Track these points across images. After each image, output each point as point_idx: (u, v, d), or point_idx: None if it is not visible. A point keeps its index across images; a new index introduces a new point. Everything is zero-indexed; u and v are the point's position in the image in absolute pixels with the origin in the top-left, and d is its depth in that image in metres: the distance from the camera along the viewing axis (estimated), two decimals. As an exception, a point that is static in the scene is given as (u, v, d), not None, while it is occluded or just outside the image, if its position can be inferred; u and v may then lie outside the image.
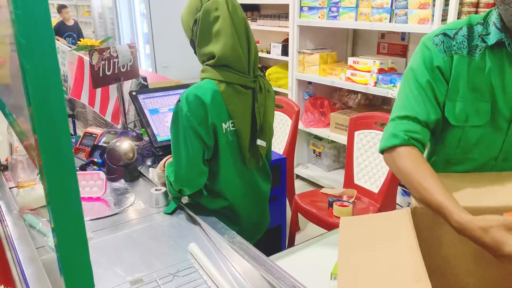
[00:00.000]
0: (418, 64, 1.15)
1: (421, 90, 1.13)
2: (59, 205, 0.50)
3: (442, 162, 1.23)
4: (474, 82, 1.10)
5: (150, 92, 2.04)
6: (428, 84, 1.12)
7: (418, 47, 1.18)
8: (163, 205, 1.55)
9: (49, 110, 0.46)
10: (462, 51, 1.11)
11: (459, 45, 1.11)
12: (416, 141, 1.09)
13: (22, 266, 1.17)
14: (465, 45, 1.11)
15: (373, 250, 0.91)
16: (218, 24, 1.37)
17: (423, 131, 1.11)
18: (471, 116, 1.11)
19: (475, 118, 1.11)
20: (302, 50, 3.47)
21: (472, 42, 1.11)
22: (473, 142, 1.14)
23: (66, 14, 7.23)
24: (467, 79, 1.10)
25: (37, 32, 0.44)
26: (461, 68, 1.11)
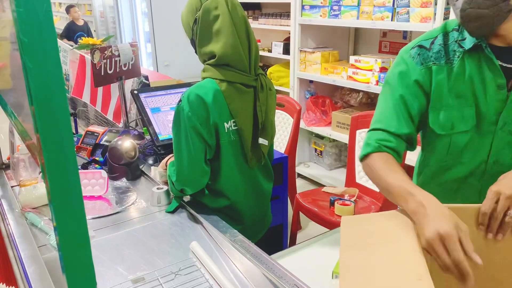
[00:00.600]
0: (393, 79, 1.16)
1: (394, 104, 1.14)
2: (61, 204, 0.50)
3: (435, 169, 1.23)
4: (456, 89, 1.10)
5: (152, 91, 2.04)
6: (401, 99, 1.13)
7: (395, 59, 1.19)
8: (165, 204, 1.55)
9: (52, 109, 0.46)
10: (439, 61, 1.11)
11: (436, 55, 1.11)
12: (388, 148, 1.12)
13: (24, 264, 1.17)
14: (442, 54, 1.11)
15: (375, 249, 0.91)
16: (218, 23, 1.37)
17: (396, 140, 1.13)
18: (457, 123, 1.11)
19: (461, 124, 1.11)
20: (303, 49, 3.47)
21: (449, 49, 1.11)
22: (461, 148, 1.14)
23: (75, 13, 7.19)
24: (449, 87, 1.10)
25: (39, 30, 0.44)
26: (441, 78, 1.11)
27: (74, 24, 7.11)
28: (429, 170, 1.25)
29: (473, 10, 0.97)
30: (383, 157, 1.11)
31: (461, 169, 1.17)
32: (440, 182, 1.21)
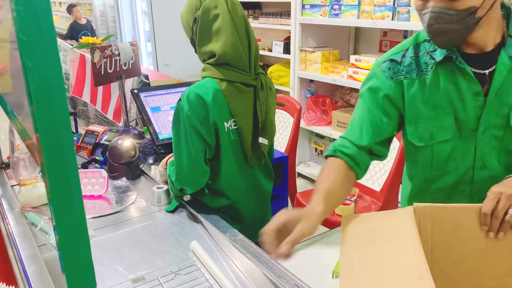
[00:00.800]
0: (365, 93, 1.17)
1: (361, 117, 1.16)
2: (61, 203, 0.50)
3: (422, 181, 1.22)
4: (432, 100, 1.09)
5: (152, 90, 2.04)
6: (368, 113, 1.15)
7: (369, 72, 1.19)
8: (165, 203, 1.55)
9: (51, 108, 0.46)
10: (411, 74, 1.10)
11: (407, 69, 1.11)
12: (343, 153, 1.13)
13: (24, 264, 1.17)
14: (414, 67, 1.10)
15: (376, 248, 0.91)
16: (218, 22, 1.37)
17: (354, 148, 1.14)
18: (437, 133, 1.11)
19: (441, 134, 1.11)
20: (304, 48, 3.47)
21: (421, 61, 1.10)
22: (445, 157, 1.13)
23: (78, 12, 7.17)
24: (424, 100, 1.10)
25: (38, 29, 0.43)
26: (414, 91, 1.10)
27: (77, 24, 7.09)
28: (416, 182, 1.25)
29: (440, 25, 0.97)
30: (332, 163, 1.14)
31: (449, 178, 1.16)
32: (431, 192, 1.20)
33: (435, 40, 1.02)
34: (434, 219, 0.99)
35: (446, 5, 0.94)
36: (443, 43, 1.01)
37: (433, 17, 0.96)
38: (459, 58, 1.04)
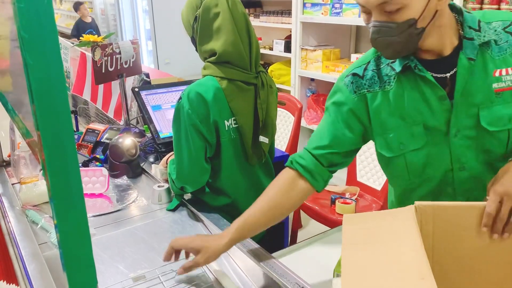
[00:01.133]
0: (330, 106, 1.18)
1: (322, 128, 1.18)
2: (62, 201, 0.50)
3: (404, 193, 1.21)
4: (399, 110, 1.09)
5: (153, 89, 2.04)
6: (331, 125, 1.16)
7: (333, 86, 1.20)
8: (166, 202, 1.55)
9: (52, 105, 0.46)
10: (373, 87, 1.11)
11: (369, 82, 1.12)
12: (298, 164, 1.17)
13: (24, 262, 1.17)
14: (376, 80, 1.11)
15: (377, 247, 0.91)
16: (218, 20, 1.37)
17: (310, 158, 1.16)
18: (407, 142, 1.10)
19: (412, 142, 1.10)
20: (305, 47, 3.46)
21: (382, 73, 1.11)
22: (421, 165, 1.13)
23: (85, 10, 7.13)
24: (390, 111, 1.10)
25: (39, 26, 0.43)
26: (378, 103, 1.11)
27: (83, 22, 7.06)
28: (398, 189, 1.25)
29: (383, 38, 0.98)
30: (282, 176, 1.19)
31: (430, 184, 1.15)
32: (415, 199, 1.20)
33: (383, 53, 1.03)
34: (436, 218, 0.99)
35: (386, 18, 0.96)
36: (389, 55, 1.03)
37: (376, 30, 0.98)
38: (418, 66, 1.05)
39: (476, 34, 1.01)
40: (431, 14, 0.97)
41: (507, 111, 1.02)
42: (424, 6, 0.94)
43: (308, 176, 1.16)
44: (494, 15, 1.05)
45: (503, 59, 1.01)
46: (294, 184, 1.16)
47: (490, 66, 1.02)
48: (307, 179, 1.16)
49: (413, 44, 0.99)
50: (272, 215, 1.16)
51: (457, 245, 0.99)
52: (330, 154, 1.16)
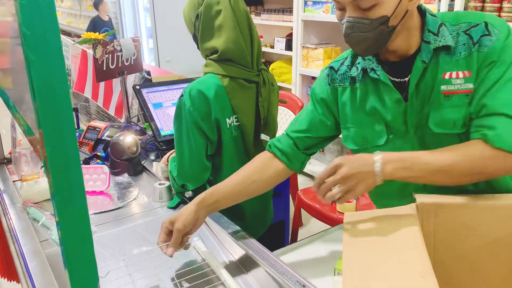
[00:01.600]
0: (311, 93, 1.26)
1: (300, 114, 1.27)
2: (63, 198, 0.50)
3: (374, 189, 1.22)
4: (363, 108, 1.14)
5: (154, 86, 2.03)
6: (307, 112, 1.25)
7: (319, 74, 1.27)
8: (167, 200, 1.55)
9: (54, 102, 0.46)
10: (344, 82, 1.17)
11: (341, 77, 1.17)
12: (275, 147, 1.26)
13: (25, 259, 1.17)
14: (348, 76, 1.16)
15: (378, 245, 0.91)
16: (220, 18, 1.37)
17: (286, 141, 1.25)
18: (371, 138, 1.15)
19: (375, 139, 1.15)
20: (306, 45, 3.46)
21: (351, 71, 1.15)
22: None
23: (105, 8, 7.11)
24: (356, 107, 1.15)
25: (41, 22, 0.43)
26: (346, 99, 1.17)
27: (100, 19, 7.04)
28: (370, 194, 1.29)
29: (356, 34, 1.00)
30: (259, 156, 1.28)
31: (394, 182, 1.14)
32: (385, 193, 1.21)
33: (355, 49, 1.06)
34: (437, 216, 0.99)
35: (360, 14, 0.98)
36: (362, 51, 1.05)
37: (349, 26, 1.00)
38: (375, 69, 1.09)
39: (433, 38, 1.03)
40: (402, 13, 0.99)
41: (453, 115, 1.04)
42: (396, 5, 0.97)
43: (283, 158, 1.24)
44: (465, 16, 1.05)
45: (456, 62, 1.02)
46: (270, 163, 1.25)
47: (441, 68, 1.04)
48: (282, 161, 1.24)
49: (383, 42, 1.02)
50: (244, 188, 1.22)
51: (458, 243, 0.99)
52: (307, 138, 1.24)
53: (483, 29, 1.00)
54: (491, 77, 0.99)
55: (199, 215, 1.16)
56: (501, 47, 0.98)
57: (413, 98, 1.07)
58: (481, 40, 0.99)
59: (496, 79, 0.98)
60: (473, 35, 1.01)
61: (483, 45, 0.99)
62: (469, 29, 1.01)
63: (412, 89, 1.06)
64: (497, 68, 0.98)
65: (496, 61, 0.98)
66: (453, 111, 1.04)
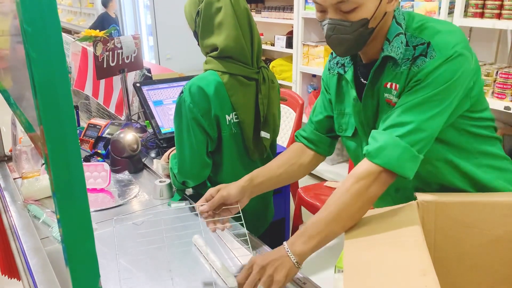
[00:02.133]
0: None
1: (318, 98, 1.33)
2: (65, 195, 0.50)
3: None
4: (341, 98, 1.20)
5: (154, 84, 2.03)
6: (322, 94, 1.30)
7: None
8: (167, 197, 1.55)
9: (56, 100, 0.46)
10: (335, 70, 1.20)
11: (335, 65, 1.21)
12: (301, 137, 1.33)
13: (26, 256, 1.17)
14: (340, 64, 1.19)
15: (379, 243, 0.91)
16: (221, 15, 1.37)
17: (309, 129, 1.32)
18: (344, 127, 1.21)
19: (346, 129, 1.21)
20: (306, 43, 3.45)
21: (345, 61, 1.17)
22: (353, 154, 1.23)
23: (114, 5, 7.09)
24: (337, 95, 1.21)
25: (42, 19, 0.43)
26: (333, 85, 1.22)
27: (109, 16, 7.03)
28: None
29: (337, 36, 1.01)
30: (290, 147, 1.34)
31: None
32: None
33: (335, 50, 1.07)
34: (438, 214, 0.99)
35: (341, 17, 0.99)
36: (341, 52, 1.07)
37: (330, 28, 1.01)
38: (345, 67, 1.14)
39: (386, 46, 1.04)
40: (381, 15, 1.01)
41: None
42: (376, 7, 0.98)
43: (311, 145, 1.30)
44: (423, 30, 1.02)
45: (395, 74, 1.03)
46: (301, 152, 1.31)
47: (385, 77, 1.05)
48: (310, 148, 1.30)
49: (362, 44, 1.04)
50: (285, 171, 1.28)
51: (459, 241, 0.99)
52: (324, 121, 1.28)
53: (424, 49, 0.99)
54: (409, 96, 0.99)
55: (245, 193, 1.20)
56: (430, 70, 0.97)
57: (368, 99, 1.10)
58: (417, 59, 0.99)
59: (411, 99, 0.99)
60: (416, 52, 1.01)
61: (415, 64, 0.99)
62: (417, 45, 1.01)
63: (365, 91, 1.09)
64: (419, 90, 0.98)
65: (420, 80, 0.98)
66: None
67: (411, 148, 0.96)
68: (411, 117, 0.97)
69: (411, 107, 0.98)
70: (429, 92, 0.97)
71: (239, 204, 1.19)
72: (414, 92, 0.99)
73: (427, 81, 0.97)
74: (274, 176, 1.27)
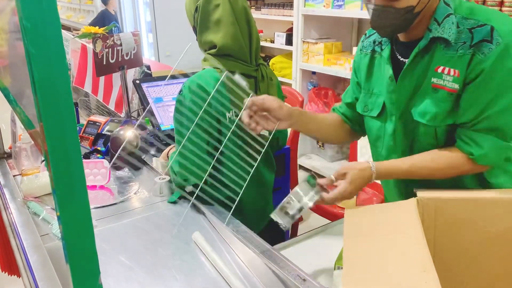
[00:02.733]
0: None
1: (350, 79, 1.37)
2: (64, 192, 0.50)
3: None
4: (371, 77, 1.22)
5: (154, 81, 2.03)
6: (352, 75, 1.35)
7: None
8: (167, 194, 1.55)
9: (55, 96, 0.46)
10: (367, 49, 1.23)
11: (368, 45, 1.24)
12: (337, 110, 1.40)
13: (26, 253, 1.17)
14: (372, 44, 1.22)
15: (379, 240, 0.91)
16: (218, 12, 1.36)
17: (344, 106, 1.38)
18: (369, 107, 1.23)
19: (372, 109, 1.22)
20: (306, 40, 3.45)
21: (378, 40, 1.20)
22: (374, 135, 1.25)
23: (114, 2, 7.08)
24: (368, 75, 1.23)
25: (42, 14, 0.43)
26: (364, 64, 1.24)
27: (109, 13, 7.01)
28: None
29: (381, 21, 1.04)
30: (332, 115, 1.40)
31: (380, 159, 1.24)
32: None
33: (379, 32, 1.10)
34: (437, 211, 0.99)
35: (387, 3, 1.00)
36: (386, 34, 1.09)
37: (375, 14, 1.03)
38: (382, 45, 1.16)
39: (435, 27, 1.04)
40: (426, 1, 1.01)
41: (434, 109, 1.07)
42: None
43: (347, 120, 1.37)
44: (477, 12, 1.03)
45: (450, 58, 1.03)
46: (341, 124, 1.37)
47: (436, 61, 1.05)
48: (347, 123, 1.37)
49: (407, 27, 1.05)
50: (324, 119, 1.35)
51: (458, 238, 1.00)
52: (356, 101, 1.30)
53: (487, 33, 0.97)
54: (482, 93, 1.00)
55: (291, 116, 1.21)
56: (496, 57, 0.96)
57: (405, 79, 1.10)
58: (481, 45, 0.98)
59: (490, 98, 1.00)
60: (475, 35, 0.99)
61: (480, 51, 0.98)
62: (474, 28, 1.00)
63: (404, 71, 1.09)
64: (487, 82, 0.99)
65: (484, 70, 0.98)
66: (436, 105, 1.06)
67: (508, 144, 1.03)
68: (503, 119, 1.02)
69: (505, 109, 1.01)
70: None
71: (279, 123, 1.20)
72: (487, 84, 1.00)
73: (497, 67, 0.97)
74: (317, 122, 1.31)
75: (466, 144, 1.06)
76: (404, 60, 1.11)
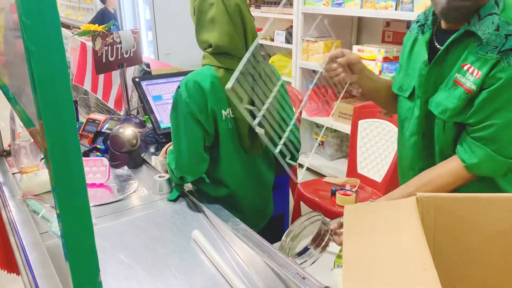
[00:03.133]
0: None
1: None
2: (64, 190, 0.50)
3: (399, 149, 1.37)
4: (411, 58, 1.23)
5: (153, 79, 2.03)
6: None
7: None
8: (167, 192, 1.55)
9: (55, 94, 0.45)
10: (414, 30, 1.24)
11: (415, 25, 1.23)
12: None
13: (25, 251, 1.17)
14: (419, 25, 1.22)
15: (378, 238, 0.91)
16: (212, 11, 1.37)
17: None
18: (405, 88, 1.25)
19: (406, 90, 1.24)
20: (306, 38, 3.44)
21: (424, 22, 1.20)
22: (403, 115, 1.27)
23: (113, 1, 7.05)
24: (409, 55, 1.24)
25: (41, 11, 0.42)
26: (408, 45, 1.25)
27: (108, 11, 6.99)
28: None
29: (458, 2, 1.02)
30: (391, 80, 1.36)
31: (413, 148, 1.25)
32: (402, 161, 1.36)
33: (448, 17, 1.08)
34: (437, 209, 0.99)
35: None
36: (453, 18, 1.08)
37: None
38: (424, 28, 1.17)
39: (474, 21, 1.04)
40: None
41: (448, 104, 1.08)
42: None
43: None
44: None
45: (479, 58, 1.03)
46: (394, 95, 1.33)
47: (465, 57, 1.06)
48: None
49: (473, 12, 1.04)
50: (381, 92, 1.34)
51: (458, 236, 0.99)
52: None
53: None
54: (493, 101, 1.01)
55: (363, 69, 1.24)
56: None
57: (436, 66, 1.12)
58: (509, 53, 0.97)
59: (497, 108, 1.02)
60: (508, 42, 0.98)
61: (506, 59, 0.98)
62: (510, 35, 0.99)
63: (437, 57, 1.10)
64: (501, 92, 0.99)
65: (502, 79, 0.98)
66: (450, 100, 1.07)
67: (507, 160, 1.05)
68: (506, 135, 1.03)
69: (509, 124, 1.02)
70: None
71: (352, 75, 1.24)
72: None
73: None
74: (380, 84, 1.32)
75: (463, 150, 1.10)
76: (439, 47, 1.12)
